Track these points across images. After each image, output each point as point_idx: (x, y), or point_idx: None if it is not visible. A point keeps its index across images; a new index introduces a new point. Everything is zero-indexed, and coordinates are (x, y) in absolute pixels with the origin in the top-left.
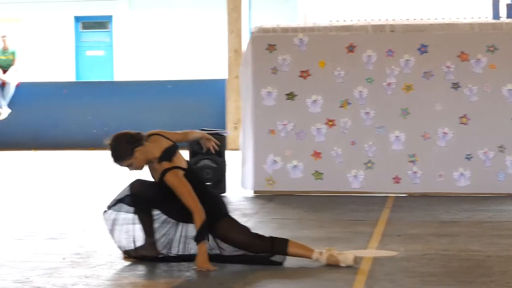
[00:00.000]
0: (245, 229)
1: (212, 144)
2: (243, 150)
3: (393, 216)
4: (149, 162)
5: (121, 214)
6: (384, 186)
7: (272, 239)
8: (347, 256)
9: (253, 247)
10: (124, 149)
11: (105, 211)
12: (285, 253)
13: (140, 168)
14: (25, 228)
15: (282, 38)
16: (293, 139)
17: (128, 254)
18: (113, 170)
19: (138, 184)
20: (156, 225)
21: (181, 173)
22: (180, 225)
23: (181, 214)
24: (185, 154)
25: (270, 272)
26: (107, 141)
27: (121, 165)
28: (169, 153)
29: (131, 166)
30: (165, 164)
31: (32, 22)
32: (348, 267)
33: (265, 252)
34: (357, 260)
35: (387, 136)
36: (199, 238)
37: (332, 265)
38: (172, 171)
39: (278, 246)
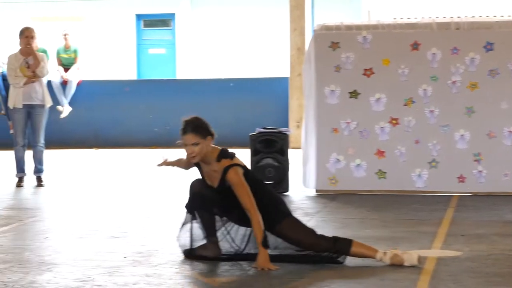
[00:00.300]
0: (308, 228)
1: None
2: (305, 149)
3: (458, 216)
4: (204, 162)
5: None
6: (448, 185)
7: (335, 238)
8: (411, 255)
9: (316, 247)
10: (204, 127)
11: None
12: (348, 253)
13: (199, 155)
14: (87, 226)
15: (345, 36)
16: (356, 138)
17: (188, 254)
18: (174, 168)
19: (198, 184)
20: (217, 224)
21: (241, 171)
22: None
23: (239, 217)
24: (246, 152)
25: (332, 271)
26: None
27: (189, 139)
28: (227, 152)
29: (196, 147)
30: (226, 161)
31: (94, 20)
32: (412, 266)
33: (328, 251)
34: (421, 260)
35: (452, 135)
36: (263, 242)
37: (396, 265)
38: (234, 168)
39: (342, 246)
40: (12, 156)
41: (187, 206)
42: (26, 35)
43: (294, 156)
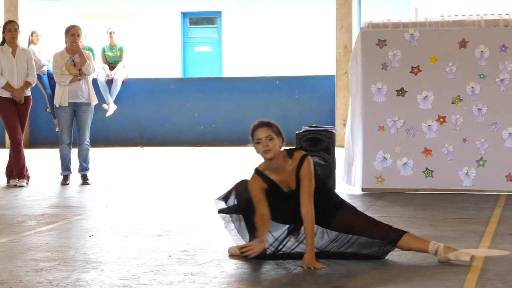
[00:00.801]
0: (364, 214)
1: None
2: (348, 147)
3: (506, 215)
4: (276, 170)
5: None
6: (496, 184)
7: (390, 227)
8: (463, 251)
9: (375, 232)
10: (276, 126)
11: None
12: (398, 239)
13: (273, 151)
14: (132, 225)
15: (392, 33)
16: (403, 136)
17: (233, 253)
18: (220, 167)
19: (243, 185)
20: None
21: (312, 162)
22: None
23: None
24: None
25: (378, 271)
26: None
27: (263, 132)
28: (296, 147)
29: (270, 141)
30: (299, 153)
31: (140, 18)
32: (460, 265)
33: (380, 238)
34: (473, 258)
35: (500, 133)
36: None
37: (444, 263)
38: (308, 158)
39: (395, 234)
40: (58, 154)
41: (230, 209)
42: (72, 33)
43: (340, 155)
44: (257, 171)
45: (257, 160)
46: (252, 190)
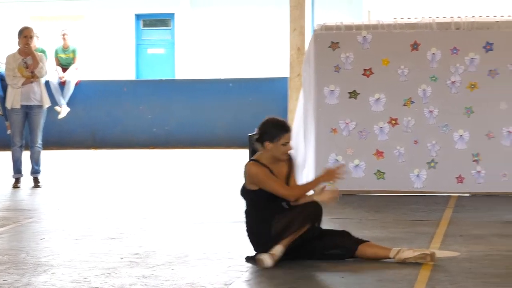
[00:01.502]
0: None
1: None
2: (296, 149)
3: (456, 216)
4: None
5: None
6: (447, 185)
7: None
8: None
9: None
10: None
11: None
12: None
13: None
14: (83, 227)
15: (345, 36)
16: (355, 138)
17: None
18: (172, 169)
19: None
20: None
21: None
22: None
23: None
24: (245, 153)
25: (330, 272)
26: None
27: (290, 137)
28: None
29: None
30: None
31: (93, 20)
32: (410, 267)
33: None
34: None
35: (451, 135)
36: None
37: (400, 263)
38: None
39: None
40: (9, 156)
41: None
42: (25, 34)
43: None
44: (257, 161)
45: (208, 162)
46: (260, 169)
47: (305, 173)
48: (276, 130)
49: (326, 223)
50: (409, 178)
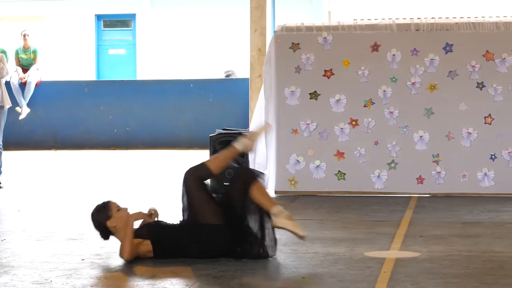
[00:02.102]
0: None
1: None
2: (258, 150)
3: (416, 217)
4: None
5: None
6: (407, 186)
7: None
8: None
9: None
10: None
11: None
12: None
13: None
14: (44, 228)
15: (306, 37)
16: (316, 139)
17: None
18: (133, 170)
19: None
20: None
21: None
22: None
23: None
24: (206, 153)
25: (291, 272)
26: None
27: None
28: None
29: None
30: None
31: (54, 20)
32: (371, 267)
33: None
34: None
35: (411, 136)
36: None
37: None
38: None
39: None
40: None
41: None
42: None
43: (251, 157)
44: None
45: (168, 163)
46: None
47: (266, 174)
48: (102, 213)
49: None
50: (370, 179)
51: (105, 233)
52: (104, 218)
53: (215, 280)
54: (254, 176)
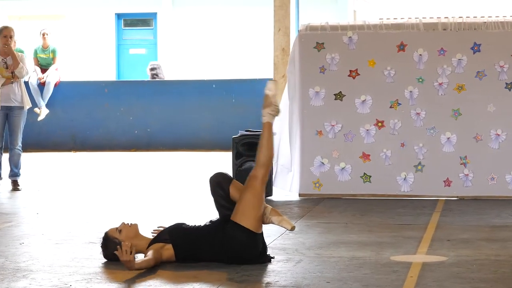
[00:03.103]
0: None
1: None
2: (277, 152)
3: (443, 220)
4: None
5: None
6: (434, 189)
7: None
8: (286, 219)
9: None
10: None
11: None
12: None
13: None
14: (64, 232)
15: (330, 36)
16: (341, 141)
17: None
18: (154, 173)
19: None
20: None
21: None
22: None
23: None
24: (229, 155)
25: (315, 276)
26: None
27: None
28: None
29: None
30: None
31: (73, 19)
32: (397, 271)
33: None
34: (293, 228)
35: (438, 138)
36: None
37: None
38: None
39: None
40: None
41: None
42: (5, 34)
43: (274, 159)
44: None
45: (190, 165)
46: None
47: (290, 176)
48: (111, 245)
49: (312, 227)
50: (396, 182)
51: None
52: (115, 247)
53: (238, 285)
54: (226, 177)
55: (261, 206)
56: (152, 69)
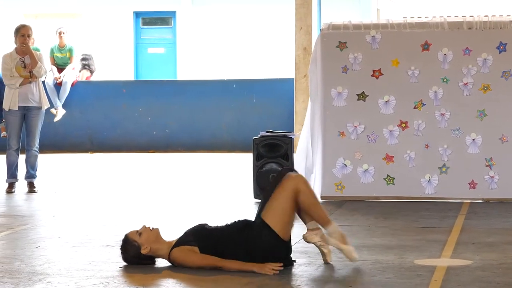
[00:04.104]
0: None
1: None
2: (303, 153)
3: (468, 223)
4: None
5: None
6: (459, 191)
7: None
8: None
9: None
10: None
11: None
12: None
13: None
14: (81, 235)
15: (353, 35)
16: (364, 142)
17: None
18: (173, 174)
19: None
20: None
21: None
22: None
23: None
24: (249, 157)
25: (338, 281)
26: None
27: None
28: None
29: None
30: None
31: (91, 18)
32: (421, 275)
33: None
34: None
35: (463, 139)
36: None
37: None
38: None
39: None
40: (3, 160)
41: None
42: (22, 33)
43: (297, 161)
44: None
45: (210, 167)
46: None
47: (312, 178)
48: (131, 248)
49: None
50: (420, 184)
51: (149, 261)
52: (136, 250)
53: None
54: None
55: (293, 214)
56: (83, 59)
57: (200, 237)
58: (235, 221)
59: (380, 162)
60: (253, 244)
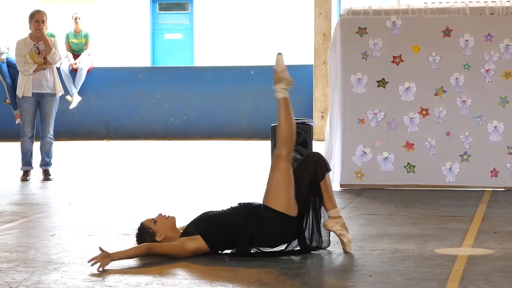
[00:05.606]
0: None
1: None
2: (329, 141)
3: (490, 212)
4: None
5: None
6: (480, 179)
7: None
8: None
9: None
10: None
11: None
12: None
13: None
14: (96, 223)
15: (373, 21)
16: (384, 129)
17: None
18: (189, 162)
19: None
20: None
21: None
22: None
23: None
24: (267, 144)
25: (357, 270)
26: None
27: None
28: None
29: None
30: None
31: (106, 3)
32: (442, 265)
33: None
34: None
35: (485, 126)
36: None
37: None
38: None
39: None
40: (18, 148)
41: None
42: (37, 19)
43: (318, 149)
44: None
45: (228, 155)
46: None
47: (331, 166)
48: (146, 236)
49: (354, 219)
50: (441, 172)
51: None
52: (151, 237)
53: (277, 278)
54: (325, 170)
55: (291, 185)
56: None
57: (201, 226)
58: (239, 204)
59: (400, 149)
60: (261, 230)
